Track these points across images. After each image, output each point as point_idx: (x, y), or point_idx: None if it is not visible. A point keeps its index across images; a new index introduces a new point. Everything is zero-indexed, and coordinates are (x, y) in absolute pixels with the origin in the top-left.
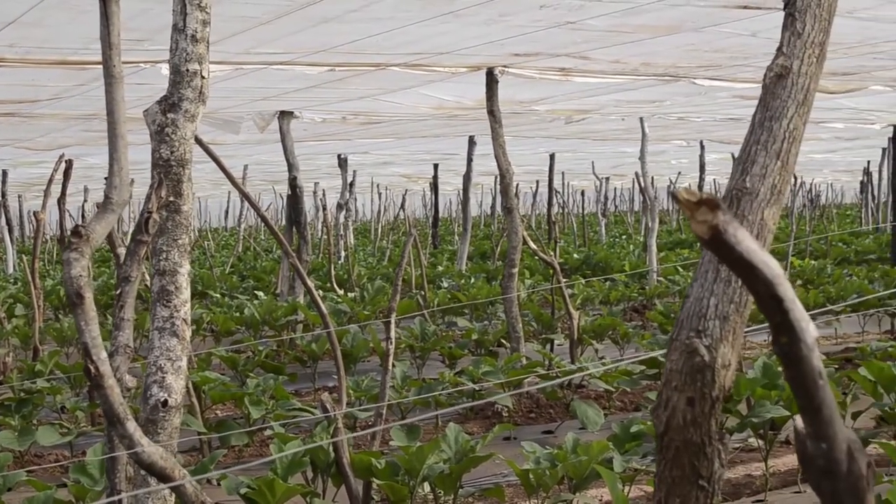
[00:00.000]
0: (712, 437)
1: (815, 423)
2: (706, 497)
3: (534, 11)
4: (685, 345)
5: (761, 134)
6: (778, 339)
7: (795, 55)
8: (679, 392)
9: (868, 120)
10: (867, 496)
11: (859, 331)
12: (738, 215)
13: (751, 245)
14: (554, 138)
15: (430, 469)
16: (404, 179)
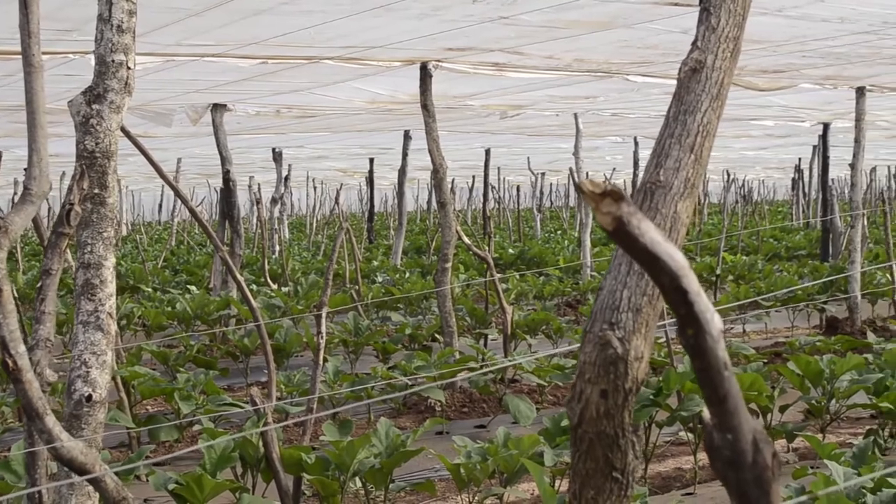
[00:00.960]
0: (626, 429)
1: (721, 414)
2: (620, 489)
3: (467, 6)
4: (598, 337)
5: (675, 128)
6: (684, 330)
7: (710, 50)
8: (592, 384)
9: (798, 117)
10: (772, 487)
11: (789, 325)
12: (652, 208)
13: (655, 237)
14: (489, 133)
15: (361, 464)
16: (340, 174)
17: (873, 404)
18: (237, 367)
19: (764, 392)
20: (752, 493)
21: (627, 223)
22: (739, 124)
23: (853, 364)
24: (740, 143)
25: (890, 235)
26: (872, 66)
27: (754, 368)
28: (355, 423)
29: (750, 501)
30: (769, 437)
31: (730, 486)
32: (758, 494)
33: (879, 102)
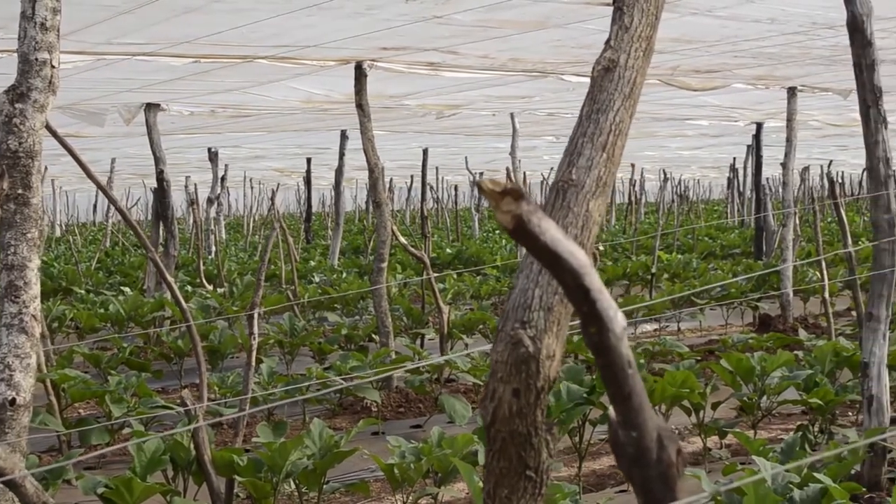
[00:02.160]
0: (539, 427)
1: (626, 412)
2: (534, 487)
3: (400, 5)
4: (510, 336)
5: (588, 126)
6: (587, 328)
7: (623, 49)
8: (505, 383)
9: (732, 117)
10: (677, 483)
11: (723, 323)
12: (564, 207)
13: (556, 235)
14: (427, 133)
15: (294, 465)
16: (277, 174)
17: (803, 400)
18: (171, 369)
19: (696, 389)
20: (657, 490)
21: (528, 222)
22: (675, 124)
23: (783, 361)
24: (676, 142)
25: (820, 233)
26: (803, 67)
27: (687, 366)
28: (290, 425)
29: (655, 498)
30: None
31: (635, 483)
32: (663, 490)
33: (811, 102)
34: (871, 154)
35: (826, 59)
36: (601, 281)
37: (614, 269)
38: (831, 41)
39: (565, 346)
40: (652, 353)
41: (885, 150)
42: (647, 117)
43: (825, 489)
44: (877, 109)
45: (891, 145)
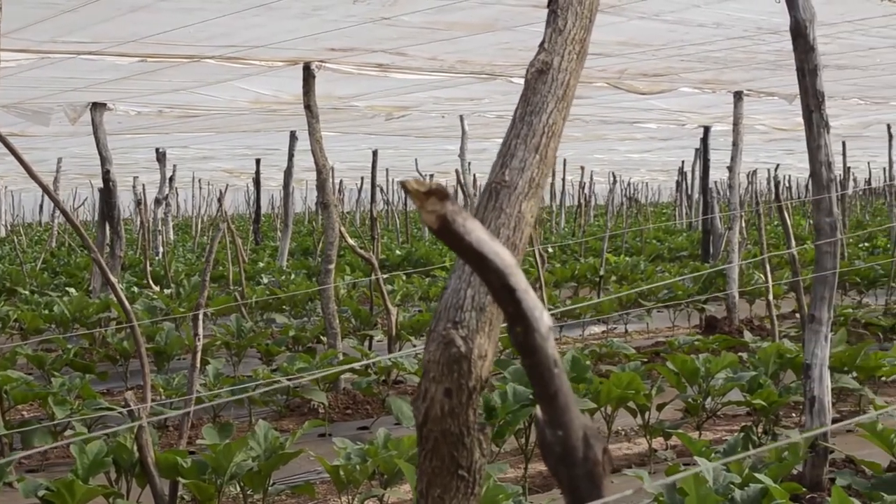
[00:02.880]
0: (471, 427)
1: (552, 411)
2: (467, 487)
3: (348, 6)
4: (442, 336)
5: (521, 128)
6: (513, 328)
7: (556, 51)
8: (437, 383)
9: (680, 121)
10: (603, 482)
11: (670, 325)
12: (497, 208)
13: (481, 235)
14: (376, 135)
15: (239, 467)
16: (226, 174)
17: (747, 402)
18: (117, 370)
19: (641, 391)
20: (583, 488)
21: (452, 222)
22: (623, 127)
23: (727, 362)
24: (625, 145)
25: (765, 236)
26: (749, 71)
27: (632, 367)
28: (237, 427)
29: (581, 496)
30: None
31: (562, 482)
32: (589, 489)
33: (757, 107)
34: (814, 158)
35: (771, 63)
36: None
37: (563, 272)
38: (776, 46)
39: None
40: (599, 355)
41: (827, 154)
42: (596, 120)
43: (765, 489)
44: (819, 114)
45: (833, 150)
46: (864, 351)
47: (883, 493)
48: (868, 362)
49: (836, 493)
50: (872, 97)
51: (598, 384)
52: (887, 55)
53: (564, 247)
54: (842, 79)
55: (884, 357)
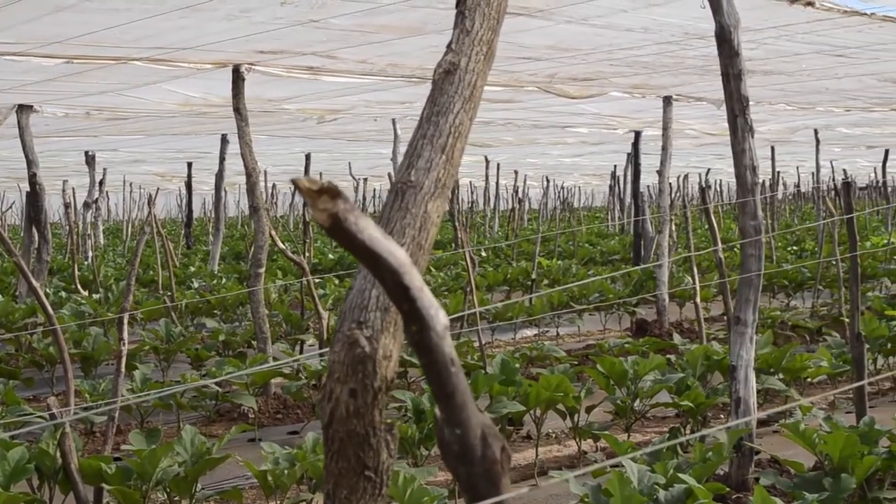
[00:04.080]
0: (377, 428)
1: (449, 410)
2: (374, 488)
3: (275, 8)
4: (346, 336)
5: (428, 129)
6: (408, 327)
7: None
8: (342, 383)
9: (611, 125)
10: (501, 480)
11: (602, 328)
12: (403, 208)
13: (374, 233)
14: (308, 138)
15: (165, 472)
16: (158, 178)
17: (675, 403)
18: (42, 376)
19: (570, 393)
20: (481, 487)
21: (344, 220)
22: (555, 131)
23: (655, 364)
24: (557, 149)
25: (692, 239)
26: (677, 76)
27: (561, 370)
28: (165, 432)
29: (480, 495)
30: (497, 432)
31: (461, 480)
32: (487, 487)
33: (687, 111)
34: (739, 162)
35: (699, 68)
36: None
37: (495, 275)
38: (703, 51)
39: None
40: (530, 358)
41: (751, 158)
42: (528, 124)
43: (689, 489)
44: (744, 118)
45: (758, 154)
46: (789, 352)
47: (805, 493)
48: (794, 364)
49: (759, 492)
50: (799, 102)
51: (527, 387)
52: (812, 61)
53: (498, 250)
54: (769, 84)
55: (809, 359)
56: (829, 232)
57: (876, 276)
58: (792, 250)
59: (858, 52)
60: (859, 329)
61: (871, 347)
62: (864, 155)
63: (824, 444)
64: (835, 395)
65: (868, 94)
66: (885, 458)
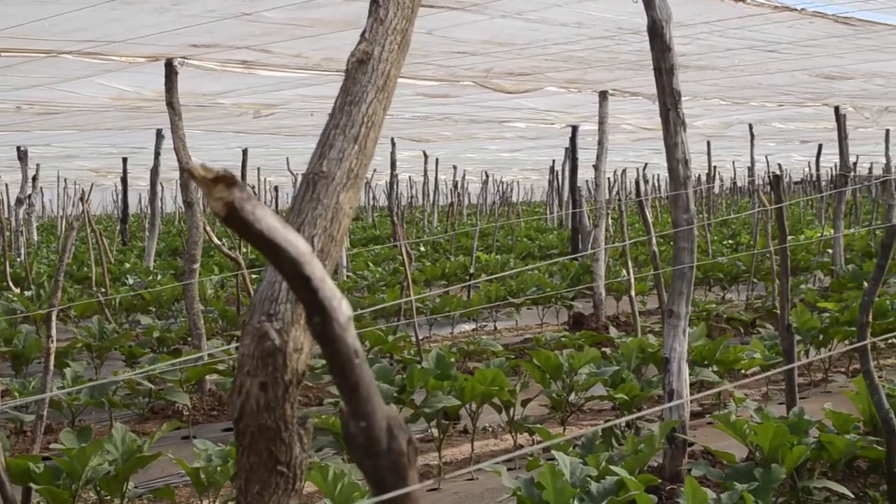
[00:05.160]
0: (288, 422)
1: (354, 402)
2: (287, 482)
3: (207, 1)
4: (256, 329)
5: (341, 118)
6: (311, 318)
7: (377, 41)
8: (252, 377)
9: (548, 120)
10: (408, 473)
11: (539, 322)
12: (314, 198)
13: (272, 223)
14: (245, 133)
15: (95, 471)
16: (93, 174)
17: (610, 396)
18: None
19: (505, 387)
20: (388, 479)
21: (241, 209)
22: (493, 126)
23: (590, 358)
24: (496, 144)
25: (627, 233)
26: (613, 71)
27: (497, 364)
28: (97, 431)
29: (386, 487)
30: (403, 424)
31: (367, 473)
32: (394, 480)
33: (623, 106)
34: (671, 156)
35: (634, 63)
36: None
37: (433, 270)
38: (637, 46)
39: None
40: (467, 353)
41: (684, 151)
42: (465, 119)
43: (621, 481)
44: (676, 112)
45: (689, 147)
46: (723, 345)
47: (735, 483)
48: (727, 356)
49: (689, 483)
50: (733, 97)
51: (462, 381)
52: (745, 56)
53: (437, 245)
54: (703, 79)
55: (742, 350)
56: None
57: (809, 269)
58: (728, 244)
59: (790, 47)
60: (789, 321)
61: (803, 339)
62: (798, 149)
63: (755, 435)
64: (768, 387)
65: (800, 90)
66: (814, 447)
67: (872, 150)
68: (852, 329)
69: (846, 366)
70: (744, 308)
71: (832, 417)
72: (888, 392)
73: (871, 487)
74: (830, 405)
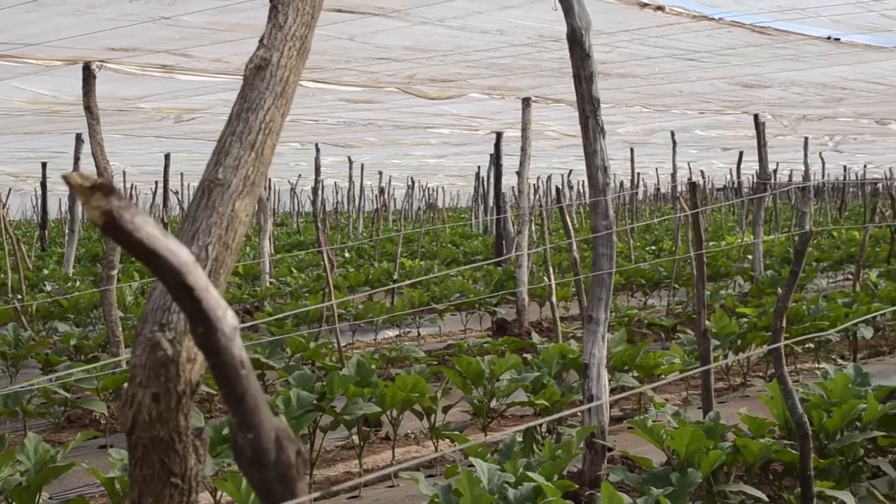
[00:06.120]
0: (182, 433)
1: (241, 413)
2: (181, 494)
3: (125, 4)
4: (148, 339)
5: (238, 125)
6: (195, 329)
7: (276, 48)
8: (144, 388)
9: (472, 126)
10: (297, 484)
11: (463, 328)
12: (209, 206)
13: (152, 231)
14: (167, 138)
15: (6, 482)
16: (12, 178)
17: (531, 402)
18: None
19: (426, 393)
20: (276, 492)
21: (119, 218)
22: (417, 132)
23: (511, 364)
24: (420, 150)
25: (548, 239)
26: (535, 78)
27: (418, 370)
28: (11, 441)
29: (275, 499)
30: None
31: (255, 486)
32: (282, 492)
33: (546, 113)
34: (591, 162)
35: (556, 71)
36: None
37: (357, 276)
38: (559, 54)
39: None
40: (389, 359)
41: (603, 158)
42: (390, 125)
43: (538, 487)
44: (595, 120)
45: (609, 154)
46: (643, 350)
47: (652, 488)
48: (647, 361)
49: (605, 488)
50: (655, 105)
51: (383, 388)
52: (665, 64)
53: (361, 251)
54: (625, 87)
55: (662, 356)
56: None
57: (730, 275)
58: (650, 250)
59: (709, 56)
60: (705, 326)
61: (722, 344)
62: (720, 156)
63: (671, 440)
64: (688, 392)
65: (720, 98)
66: (729, 451)
67: (792, 158)
68: (769, 334)
69: (764, 370)
70: (665, 313)
71: (748, 422)
72: (802, 396)
73: (785, 490)
74: (746, 410)
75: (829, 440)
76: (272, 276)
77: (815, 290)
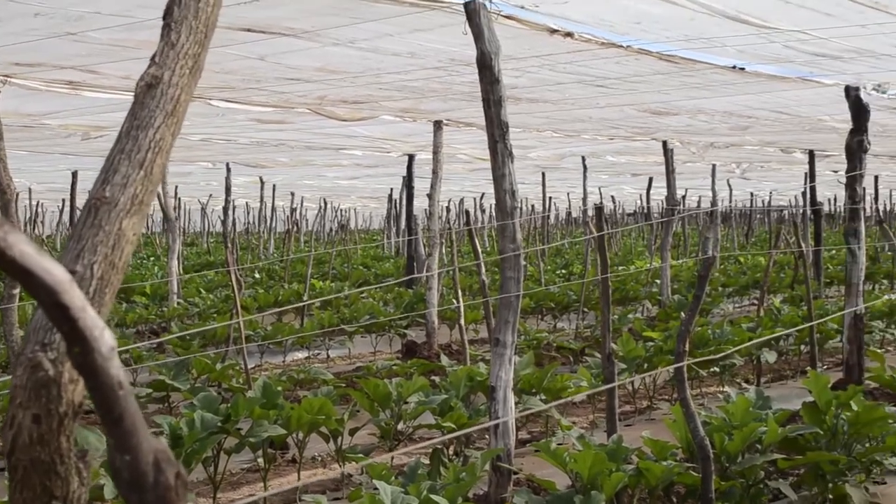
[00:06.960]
0: (64, 455)
1: (118, 435)
2: None
3: (29, 19)
4: (29, 359)
5: (126, 143)
6: (71, 349)
7: (168, 66)
8: (24, 409)
9: (384, 148)
10: None
11: (373, 351)
12: (96, 225)
13: (26, 249)
14: (75, 155)
15: None
16: None
17: (438, 424)
18: None
19: (333, 415)
20: None
21: None
22: (329, 153)
23: (419, 386)
24: (332, 171)
25: (456, 261)
26: (447, 101)
27: (325, 393)
28: None
29: None
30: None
31: None
32: None
33: (458, 136)
34: (499, 186)
35: (467, 94)
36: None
37: (266, 297)
38: (470, 78)
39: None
40: (297, 381)
41: (511, 182)
42: (301, 146)
43: None
44: (504, 144)
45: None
46: (550, 373)
47: None
48: (555, 384)
49: None
50: (565, 130)
51: (289, 410)
52: (575, 90)
53: (272, 272)
54: (535, 112)
55: (570, 379)
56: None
57: (638, 299)
58: (560, 273)
59: (618, 82)
60: (610, 349)
61: (628, 367)
62: (630, 182)
63: (574, 463)
64: (594, 415)
65: (629, 124)
66: (632, 474)
67: (700, 184)
68: (674, 357)
69: (670, 394)
70: (573, 337)
71: (651, 445)
72: (704, 419)
73: None
74: (650, 433)
75: (730, 463)
76: (180, 297)
77: (721, 314)
